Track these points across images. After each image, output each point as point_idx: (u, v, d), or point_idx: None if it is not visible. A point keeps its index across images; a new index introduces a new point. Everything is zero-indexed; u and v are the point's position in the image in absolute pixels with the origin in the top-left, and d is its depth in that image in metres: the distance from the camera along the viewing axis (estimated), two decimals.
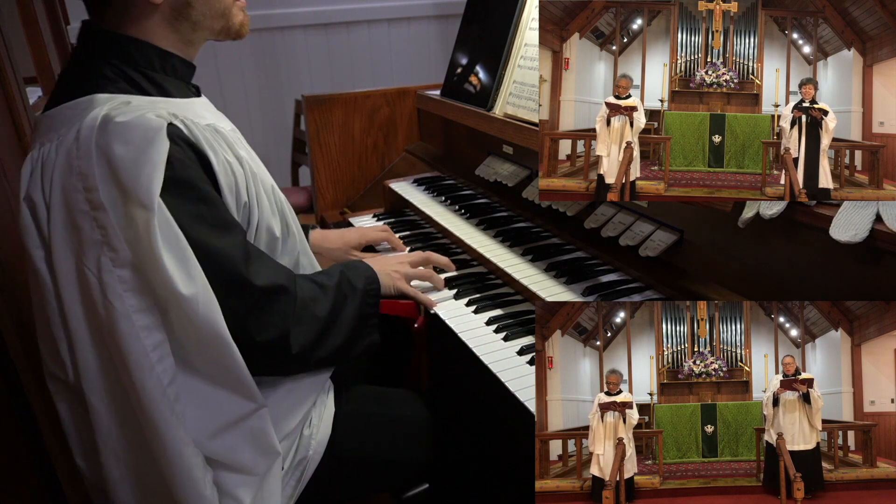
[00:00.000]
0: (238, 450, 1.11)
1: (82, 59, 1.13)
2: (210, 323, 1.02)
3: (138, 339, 1.01)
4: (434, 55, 4.14)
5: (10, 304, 1.48)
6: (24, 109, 1.79)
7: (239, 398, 1.09)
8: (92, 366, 1.06)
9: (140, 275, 1.01)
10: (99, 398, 1.08)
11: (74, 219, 1.01)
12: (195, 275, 1.01)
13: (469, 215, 1.86)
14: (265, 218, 1.21)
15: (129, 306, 1.00)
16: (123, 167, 0.98)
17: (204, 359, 1.06)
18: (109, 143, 0.99)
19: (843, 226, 1.02)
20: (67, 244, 1.03)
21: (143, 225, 0.98)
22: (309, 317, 1.19)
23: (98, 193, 0.99)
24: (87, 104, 1.05)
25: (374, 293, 1.34)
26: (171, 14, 1.14)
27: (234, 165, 1.15)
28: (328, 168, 2.35)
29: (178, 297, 0.99)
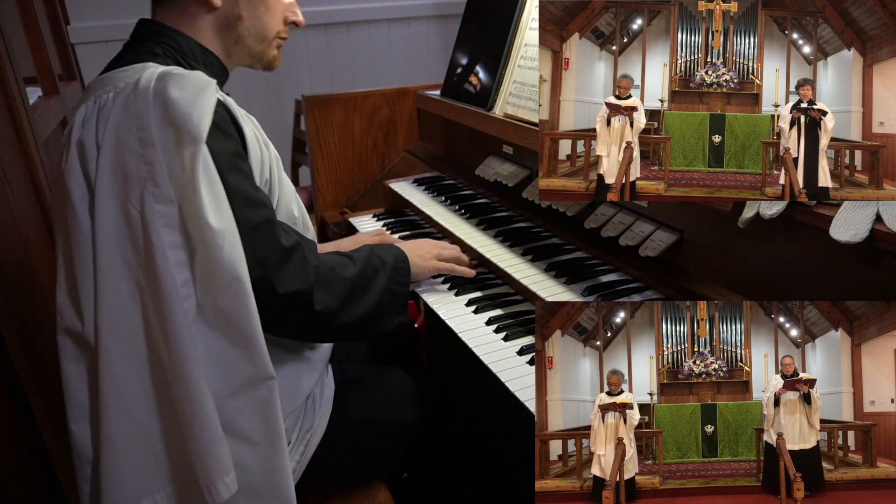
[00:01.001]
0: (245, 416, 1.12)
1: (134, 43, 1.25)
2: (232, 264, 1.06)
3: (171, 274, 1.05)
4: (434, 55, 4.14)
5: (10, 305, 1.48)
6: (24, 109, 1.79)
7: (249, 362, 1.11)
8: (116, 308, 1.08)
9: (178, 210, 1.06)
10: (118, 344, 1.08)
11: (123, 158, 1.07)
12: (225, 212, 1.07)
13: (469, 215, 1.86)
14: (286, 199, 1.28)
15: (165, 241, 1.05)
16: (177, 107, 1.05)
17: (218, 308, 1.08)
18: (166, 87, 1.06)
19: (843, 226, 1.02)
20: (112, 183, 1.07)
21: (189, 157, 1.05)
22: (335, 279, 1.24)
23: (150, 131, 1.05)
24: (142, 67, 1.14)
25: (403, 271, 1.40)
26: (222, 21, 1.27)
27: (262, 144, 1.23)
28: (328, 168, 2.35)
29: (207, 229, 1.04)
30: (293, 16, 1.35)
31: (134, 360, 1.10)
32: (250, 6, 1.27)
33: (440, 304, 1.52)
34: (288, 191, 1.30)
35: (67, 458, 1.24)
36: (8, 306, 1.47)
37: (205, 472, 1.08)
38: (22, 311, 1.54)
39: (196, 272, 1.08)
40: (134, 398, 1.10)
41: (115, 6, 3.25)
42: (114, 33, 3.23)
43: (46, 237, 1.82)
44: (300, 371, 1.30)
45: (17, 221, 1.61)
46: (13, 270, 1.55)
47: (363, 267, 1.31)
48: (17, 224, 1.61)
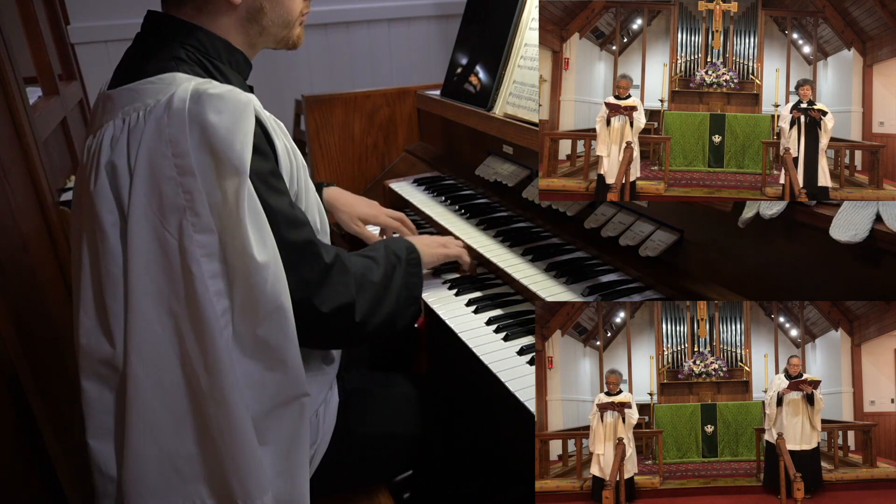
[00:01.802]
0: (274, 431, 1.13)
1: (152, 42, 1.18)
2: (276, 294, 1.06)
3: (211, 304, 1.04)
4: (434, 55, 4.13)
5: (10, 305, 1.48)
6: (24, 109, 1.79)
7: (285, 385, 1.12)
8: (147, 336, 1.07)
9: (219, 241, 1.04)
10: (147, 372, 1.08)
11: (159, 184, 1.03)
12: (269, 244, 1.06)
13: (469, 215, 1.86)
14: (311, 208, 1.27)
15: (205, 271, 1.04)
16: (217, 135, 1.01)
17: (257, 337, 1.08)
18: (203, 111, 1.02)
19: (843, 226, 1.02)
20: (147, 210, 1.05)
21: (234, 190, 1.02)
22: (367, 284, 1.25)
23: (189, 159, 1.02)
24: (171, 80, 1.08)
25: (415, 262, 1.40)
26: (245, 16, 1.21)
27: (291, 154, 1.21)
28: (328, 168, 2.34)
29: (252, 264, 1.03)
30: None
31: (163, 385, 1.09)
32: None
33: (440, 304, 1.52)
34: (313, 199, 1.28)
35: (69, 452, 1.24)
36: (8, 306, 1.47)
37: (243, 492, 1.09)
38: (22, 311, 1.54)
39: (235, 301, 1.07)
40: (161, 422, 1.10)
41: (115, 6, 3.25)
42: (114, 33, 3.23)
43: (46, 237, 1.82)
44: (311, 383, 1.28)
45: (17, 221, 1.61)
46: (13, 270, 1.55)
47: (385, 267, 1.31)
48: (17, 224, 1.61)
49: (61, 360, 1.73)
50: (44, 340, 1.65)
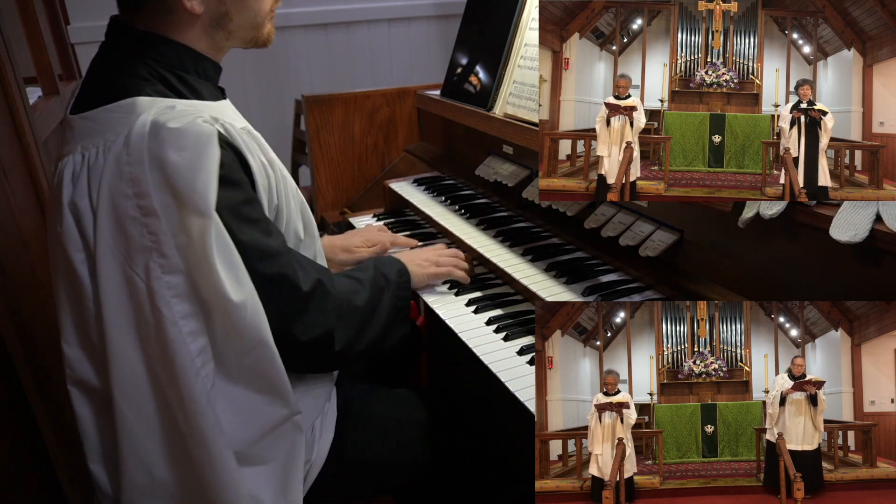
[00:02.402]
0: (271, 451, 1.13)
1: (115, 56, 1.13)
2: (256, 329, 1.04)
3: (185, 345, 1.02)
4: (434, 55, 4.13)
5: (10, 305, 1.48)
6: (24, 109, 1.79)
7: (275, 405, 1.11)
8: (127, 373, 1.06)
9: (189, 281, 1.01)
10: (130, 406, 1.07)
11: (123, 225, 1.01)
12: (244, 281, 1.03)
13: (469, 215, 1.86)
14: (293, 220, 1.24)
15: (176, 312, 1.01)
16: (178, 174, 0.98)
17: (243, 365, 1.07)
18: (163, 148, 0.98)
19: (843, 226, 1.02)
20: (113, 250, 1.02)
21: (199, 232, 0.99)
22: (349, 310, 1.22)
23: (151, 199, 0.99)
24: (130, 107, 1.04)
25: (405, 285, 1.38)
26: (209, 23, 1.15)
27: (268, 168, 1.16)
28: (328, 168, 2.34)
29: (228, 304, 1.01)
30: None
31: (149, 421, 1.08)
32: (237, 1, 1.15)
33: (440, 304, 1.52)
34: (294, 210, 1.24)
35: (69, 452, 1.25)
36: (8, 306, 1.47)
37: None
38: (22, 311, 1.54)
39: (215, 336, 1.05)
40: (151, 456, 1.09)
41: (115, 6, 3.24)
42: None
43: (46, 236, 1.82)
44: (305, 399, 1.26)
45: (17, 221, 1.61)
46: (13, 270, 1.55)
47: (371, 290, 1.28)
48: (17, 224, 1.61)
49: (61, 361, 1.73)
50: (44, 340, 1.65)
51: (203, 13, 1.13)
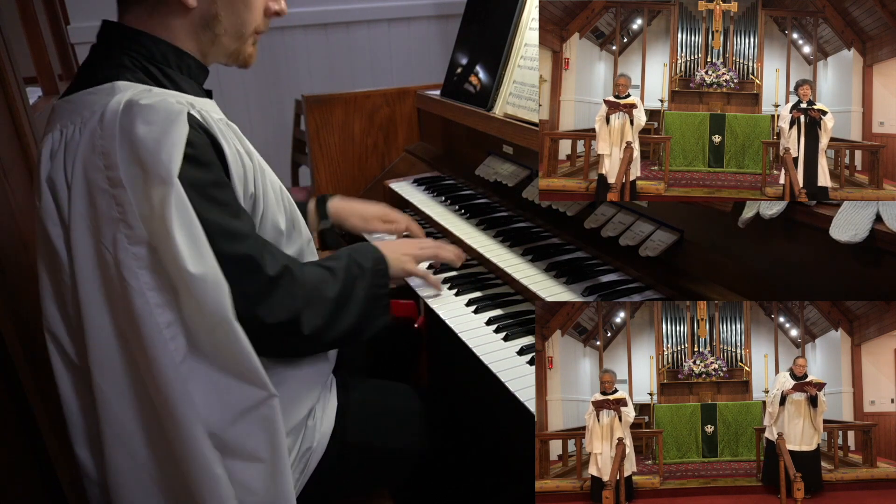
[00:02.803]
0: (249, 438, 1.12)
1: (101, 50, 1.17)
2: (217, 305, 1.03)
3: (152, 316, 1.03)
4: (434, 55, 4.13)
5: (9, 305, 1.48)
6: (24, 109, 1.79)
7: (248, 386, 1.10)
8: (104, 347, 1.07)
9: (153, 253, 1.03)
10: (109, 382, 1.08)
11: (94, 197, 1.04)
12: (205, 255, 1.03)
13: (469, 215, 1.86)
14: (271, 212, 1.23)
15: (143, 283, 1.03)
16: (145, 146, 1.01)
17: (212, 343, 1.07)
18: (133, 122, 1.01)
19: (843, 226, 1.02)
20: (86, 222, 1.05)
21: (159, 201, 1.00)
22: (318, 299, 1.21)
23: (118, 171, 1.01)
24: (109, 90, 1.08)
25: (382, 273, 1.35)
26: (198, 22, 1.18)
27: (244, 157, 1.17)
28: (328, 168, 2.34)
29: (187, 276, 1.01)
30: (275, 5, 1.26)
31: (125, 396, 1.09)
32: (228, 4, 1.19)
33: (440, 303, 1.52)
34: (273, 203, 1.24)
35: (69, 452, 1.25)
36: (8, 306, 1.47)
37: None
38: (22, 311, 1.54)
39: (183, 310, 1.05)
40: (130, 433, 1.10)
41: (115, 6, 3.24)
42: None
43: None
44: (299, 389, 1.27)
45: (17, 221, 1.61)
46: (13, 270, 1.55)
47: (344, 280, 1.26)
48: (17, 224, 1.61)
49: None
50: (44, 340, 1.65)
51: (195, 9, 1.16)
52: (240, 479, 1.11)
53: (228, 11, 1.19)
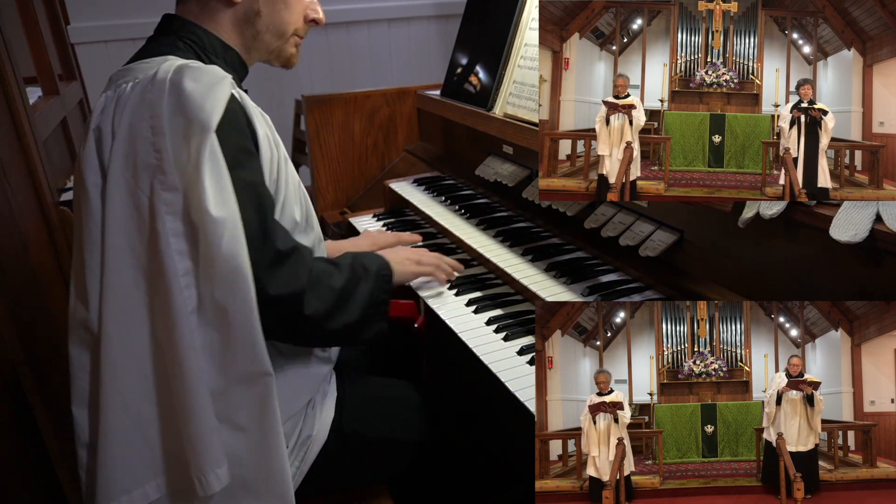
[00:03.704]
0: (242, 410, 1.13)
1: (157, 36, 1.28)
2: (232, 252, 1.06)
3: (172, 261, 1.06)
4: (434, 55, 4.13)
5: (10, 305, 1.48)
6: (24, 109, 1.79)
7: (246, 357, 1.10)
8: (121, 295, 1.09)
9: (183, 199, 1.07)
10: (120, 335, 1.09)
11: (135, 145, 1.09)
12: (229, 202, 1.07)
13: (469, 215, 1.86)
14: (290, 201, 1.27)
15: (168, 228, 1.07)
16: (191, 98, 1.07)
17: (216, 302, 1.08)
18: (182, 78, 1.08)
19: (843, 226, 1.02)
20: (123, 169, 1.09)
21: (196, 146, 1.06)
22: (324, 286, 1.23)
23: (162, 120, 1.07)
24: (163, 60, 1.17)
25: (386, 279, 1.37)
26: (242, 16, 1.28)
27: (272, 144, 1.23)
28: (328, 168, 2.35)
29: (208, 219, 1.04)
30: (313, 13, 1.36)
31: (134, 346, 1.10)
32: (269, 2, 1.28)
33: (440, 303, 1.52)
34: (292, 193, 1.28)
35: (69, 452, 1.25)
36: (8, 306, 1.47)
37: (196, 464, 1.09)
38: (22, 310, 1.54)
39: (199, 262, 1.08)
40: (132, 388, 1.11)
41: (115, 6, 3.25)
42: (114, 33, 3.23)
43: (46, 237, 1.82)
44: (300, 377, 1.29)
45: (17, 221, 1.61)
46: (13, 270, 1.55)
47: (348, 276, 1.28)
48: (17, 224, 1.61)
49: (61, 360, 1.72)
50: (44, 340, 1.65)
51: (238, 5, 1.26)
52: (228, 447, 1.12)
53: (269, 9, 1.29)
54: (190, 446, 1.09)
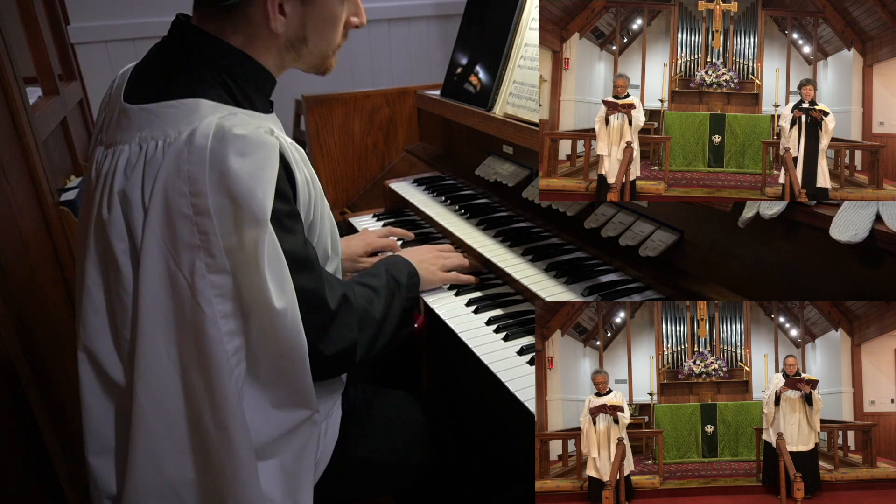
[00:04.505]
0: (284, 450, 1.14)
1: (180, 55, 1.13)
2: (295, 334, 1.06)
3: (222, 344, 1.03)
4: (434, 55, 4.13)
5: (10, 305, 1.48)
6: (24, 109, 1.79)
7: (299, 407, 1.13)
8: (155, 369, 1.06)
9: (234, 283, 1.03)
10: (153, 402, 1.07)
11: (173, 221, 1.01)
12: (287, 289, 1.05)
13: (469, 215, 1.86)
14: (324, 237, 1.26)
15: (217, 311, 1.02)
16: (239, 179, 0.98)
17: (274, 367, 1.09)
18: (226, 152, 0.99)
19: (843, 226, 1.02)
20: (160, 245, 1.03)
21: (252, 239, 1.00)
22: (368, 322, 1.24)
23: (206, 199, 0.99)
24: (194, 107, 1.05)
25: (414, 287, 1.41)
26: (285, 44, 1.18)
27: (310, 184, 1.18)
28: (328, 168, 2.35)
29: (271, 311, 1.02)
30: (356, 18, 1.25)
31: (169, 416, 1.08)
32: (317, 29, 1.18)
33: (440, 303, 1.52)
34: (328, 221, 1.26)
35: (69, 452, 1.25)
36: (8, 306, 1.47)
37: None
38: (22, 311, 1.54)
39: (250, 336, 1.06)
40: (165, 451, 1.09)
41: (115, 6, 3.25)
42: (114, 33, 3.22)
43: (46, 237, 1.82)
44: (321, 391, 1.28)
45: (17, 221, 1.61)
46: (13, 270, 1.55)
47: (386, 299, 1.30)
48: (17, 224, 1.61)
49: (61, 360, 1.73)
50: (44, 340, 1.65)
51: (281, 34, 1.15)
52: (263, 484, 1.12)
53: (317, 36, 1.19)
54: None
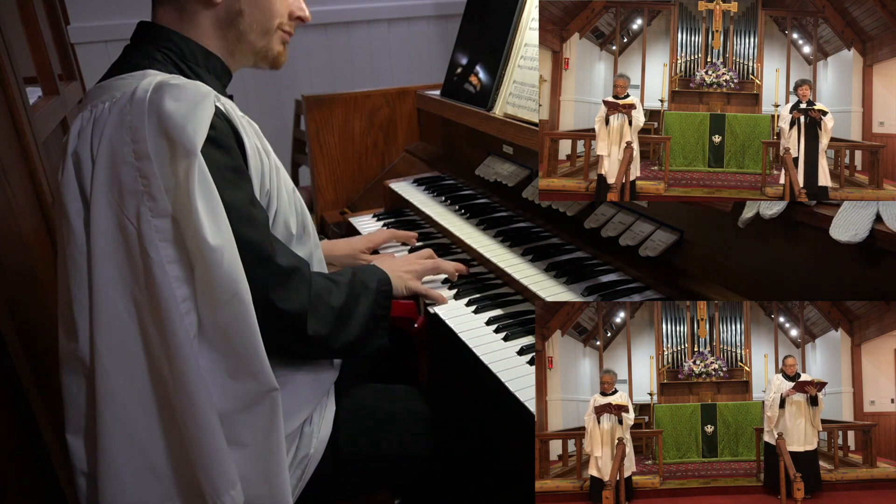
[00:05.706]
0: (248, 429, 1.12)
1: (133, 47, 1.22)
2: (232, 280, 1.05)
3: (171, 289, 1.04)
4: (434, 55, 4.13)
5: (9, 305, 1.48)
6: (24, 109, 1.79)
7: (252, 379, 1.10)
8: (115, 324, 1.07)
9: (175, 225, 1.05)
10: (116, 361, 1.07)
11: (118, 170, 1.05)
12: (223, 228, 1.05)
13: (469, 215, 1.86)
14: (283, 211, 1.25)
15: (163, 256, 1.04)
16: (173, 119, 1.03)
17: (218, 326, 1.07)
18: (162, 98, 1.04)
19: (843, 226, 1.02)
20: (108, 196, 1.06)
21: (184, 171, 1.03)
22: (324, 306, 1.22)
23: (145, 144, 1.03)
24: (141, 75, 1.12)
25: (386, 294, 1.37)
26: (223, 18, 1.23)
27: (262, 154, 1.21)
28: (328, 168, 2.34)
29: (205, 247, 1.03)
30: (299, 10, 1.30)
31: (132, 376, 1.08)
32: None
33: (440, 304, 1.52)
34: (286, 202, 1.26)
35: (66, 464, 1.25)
36: (8, 306, 1.47)
37: (210, 486, 1.08)
38: (22, 311, 1.54)
39: (197, 287, 1.07)
40: (132, 415, 1.09)
41: (115, 6, 3.25)
42: (114, 33, 3.23)
43: (46, 237, 1.82)
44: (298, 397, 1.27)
45: (17, 221, 1.61)
46: (13, 270, 1.55)
47: (348, 293, 1.28)
48: (17, 224, 1.61)
49: None
50: (44, 340, 1.65)
51: (220, 5, 1.20)
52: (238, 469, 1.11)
53: (252, 6, 1.23)
54: (202, 471, 1.07)
